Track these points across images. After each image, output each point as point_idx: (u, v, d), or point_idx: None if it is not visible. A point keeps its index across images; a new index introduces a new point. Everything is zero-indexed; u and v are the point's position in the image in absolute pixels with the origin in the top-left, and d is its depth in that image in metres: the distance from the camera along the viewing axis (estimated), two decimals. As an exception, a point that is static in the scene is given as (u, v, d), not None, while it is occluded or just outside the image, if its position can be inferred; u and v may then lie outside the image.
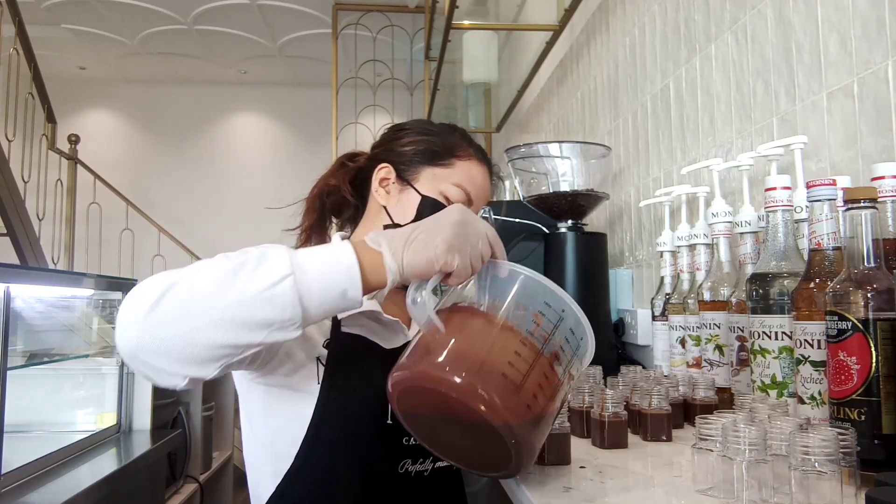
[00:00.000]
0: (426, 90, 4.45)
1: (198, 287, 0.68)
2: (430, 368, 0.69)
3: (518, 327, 0.71)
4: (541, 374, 0.69)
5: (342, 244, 0.73)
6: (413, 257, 0.72)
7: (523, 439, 0.68)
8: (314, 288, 0.69)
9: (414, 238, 0.73)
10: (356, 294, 0.71)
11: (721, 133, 1.46)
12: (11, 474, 1.52)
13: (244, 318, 0.67)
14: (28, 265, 3.73)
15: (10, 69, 4.12)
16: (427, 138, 1.07)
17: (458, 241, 0.73)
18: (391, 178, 1.05)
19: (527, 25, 3.00)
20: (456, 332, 0.71)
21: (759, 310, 0.93)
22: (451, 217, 0.75)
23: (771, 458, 0.68)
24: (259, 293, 0.67)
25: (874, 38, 1.00)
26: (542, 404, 0.69)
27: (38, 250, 4.06)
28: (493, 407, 0.66)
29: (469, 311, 0.74)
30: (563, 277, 1.65)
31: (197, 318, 0.66)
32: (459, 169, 1.05)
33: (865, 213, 0.73)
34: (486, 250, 0.76)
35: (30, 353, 1.99)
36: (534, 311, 0.72)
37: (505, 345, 0.70)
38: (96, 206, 5.26)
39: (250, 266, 0.69)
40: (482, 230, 0.76)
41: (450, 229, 0.73)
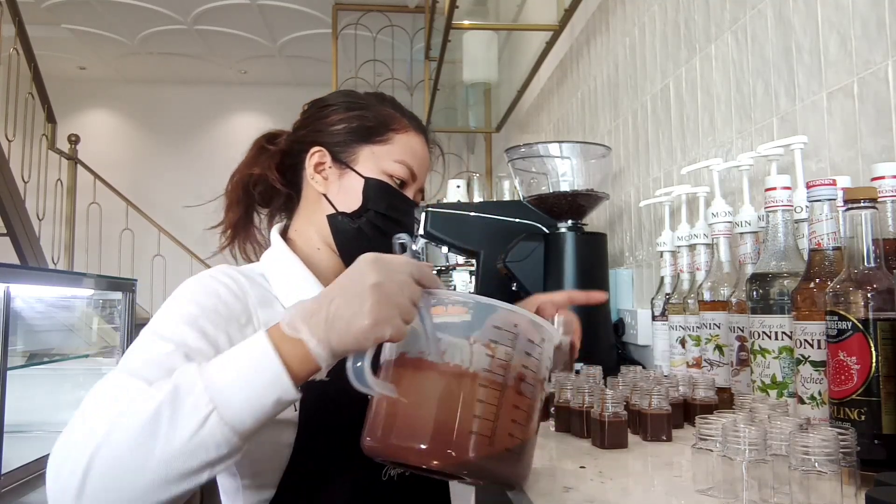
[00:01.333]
0: (426, 90, 4.45)
1: (121, 453, 0.60)
2: (399, 442, 0.65)
3: (474, 368, 0.66)
4: (510, 409, 0.66)
5: (260, 343, 0.65)
6: (340, 340, 0.64)
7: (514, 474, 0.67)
8: (244, 412, 0.63)
9: (334, 315, 0.65)
10: (291, 395, 0.65)
11: (721, 133, 1.46)
12: (11, 474, 1.52)
13: (179, 471, 0.61)
14: (28, 265, 3.73)
15: (10, 69, 4.12)
16: (358, 113, 1.00)
17: (382, 310, 0.64)
18: (326, 161, 0.98)
19: (527, 25, 3.01)
20: (411, 396, 0.66)
21: (759, 310, 0.93)
22: (367, 281, 0.65)
23: (771, 458, 0.68)
24: (186, 443, 0.61)
25: (874, 38, 1.00)
26: (521, 436, 0.67)
27: (38, 250, 4.06)
28: (471, 466, 0.64)
29: (418, 364, 0.68)
30: (563, 277, 1.65)
31: (131, 488, 0.61)
32: (398, 143, 0.98)
33: (865, 213, 0.73)
34: (416, 293, 0.67)
35: (30, 353, 2.00)
36: (484, 342, 0.66)
37: (465, 397, 0.65)
38: (96, 206, 5.27)
39: (167, 413, 0.61)
40: (403, 277, 0.67)
41: (371, 298, 0.64)
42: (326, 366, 0.66)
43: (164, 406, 0.61)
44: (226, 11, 5.41)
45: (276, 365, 0.64)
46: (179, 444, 0.61)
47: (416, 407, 0.66)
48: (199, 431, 0.61)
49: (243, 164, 1.03)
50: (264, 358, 0.64)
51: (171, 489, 0.61)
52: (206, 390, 0.62)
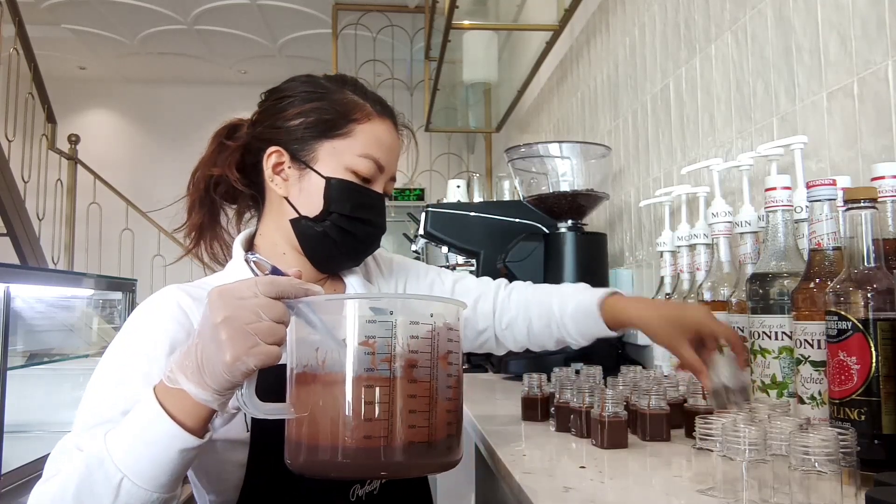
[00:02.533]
0: (426, 90, 4.45)
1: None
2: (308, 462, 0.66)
3: (357, 371, 0.64)
4: (405, 400, 0.65)
5: (149, 404, 0.67)
6: (215, 381, 0.65)
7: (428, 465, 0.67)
8: (153, 470, 0.66)
9: (201, 359, 0.65)
10: (194, 443, 0.67)
11: (721, 133, 1.46)
12: (11, 474, 1.52)
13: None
14: (28, 265, 3.73)
15: (10, 69, 4.12)
16: (315, 105, 0.92)
17: (237, 344, 0.63)
18: (285, 161, 0.92)
19: (527, 25, 3.01)
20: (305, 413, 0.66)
21: (759, 310, 0.93)
22: (215, 319, 0.64)
23: (771, 458, 0.67)
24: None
25: (874, 38, 1.00)
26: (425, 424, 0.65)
27: (38, 250, 4.06)
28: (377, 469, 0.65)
29: (304, 379, 0.67)
30: (563, 277, 1.65)
31: None
32: (361, 135, 0.91)
33: (865, 213, 0.73)
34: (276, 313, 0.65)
35: (30, 353, 2.00)
36: (361, 340, 0.65)
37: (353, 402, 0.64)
38: (96, 206, 5.27)
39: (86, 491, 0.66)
40: (254, 302, 0.64)
41: (223, 335, 0.63)
42: (219, 406, 0.67)
43: (84, 484, 0.66)
44: (226, 11, 5.41)
45: (166, 422, 0.66)
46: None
47: (314, 422, 0.65)
48: (118, 500, 0.65)
49: (202, 161, 0.97)
50: (155, 418, 0.66)
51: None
52: (111, 461, 0.66)
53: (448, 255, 3.25)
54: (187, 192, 0.98)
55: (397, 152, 0.97)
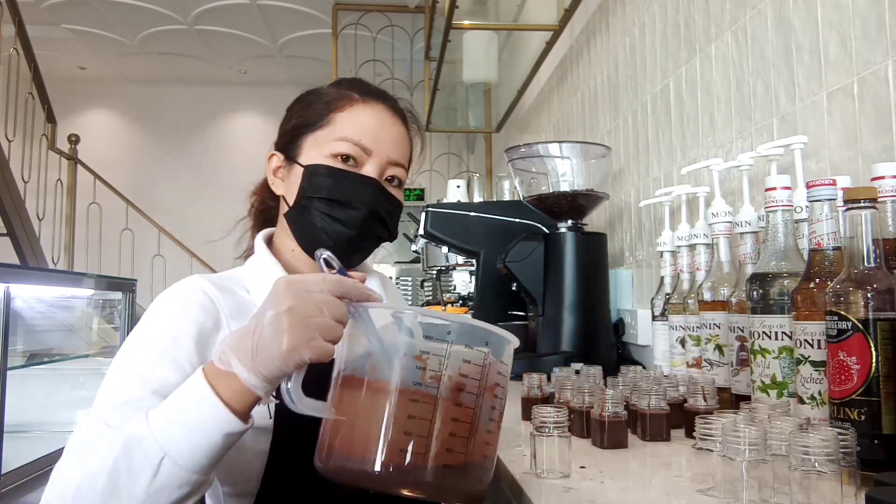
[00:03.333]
0: (426, 90, 4.44)
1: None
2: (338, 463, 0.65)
3: (403, 384, 0.63)
4: (448, 423, 0.63)
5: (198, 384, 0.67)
6: (265, 367, 0.65)
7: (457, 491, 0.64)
8: (194, 452, 0.65)
9: (257, 344, 0.65)
10: (238, 428, 0.67)
11: (721, 133, 1.46)
12: (11, 474, 1.52)
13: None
14: (28, 265, 3.73)
15: (10, 69, 4.12)
16: (302, 107, 0.97)
17: (297, 335, 0.64)
18: (281, 164, 0.97)
19: (527, 25, 3.01)
20: (345, 415, 0.66)
21: (759, 310, 0.93)
22: (281, 306, 0.65)
23: (771, 458, 0.68)
24: (147, 491, 0.64)
25: (874, 38, 1.00)
26: (463, 450, 0.64)
27: (38, 250, 4.07)
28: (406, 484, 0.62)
29: (351, 382, 0.67)
30: (563, 277, 1.65)
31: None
32: (340, 121, 0.93)
33: (865, 213, 0.73)
34: (337, 312, 0.66)
35: (30, 353, 2.00)
36: (415, 355, 0.64)
37: (396, 414, 0.63)
38: (96, 206, 5.27)
39: (123, 469, 0.65)
40: (321, 298, 0.66)
41: (284, 324, 0.64)
42: (265, 393, 0.67)
43: (120, 461, 0.65)
44: (226, 11, 5.41)
45: (214, 403, 0.66)
46: (142, 493, 0.64)
47: (351, 427, 0.65)
48: (156, 479, 0.65)
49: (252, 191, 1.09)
50: (203, 398, 0.66)
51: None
52: (154, 439, 0.65)
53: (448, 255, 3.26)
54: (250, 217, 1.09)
55: (393, 135, 0.96)
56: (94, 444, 0.69)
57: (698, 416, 0.78)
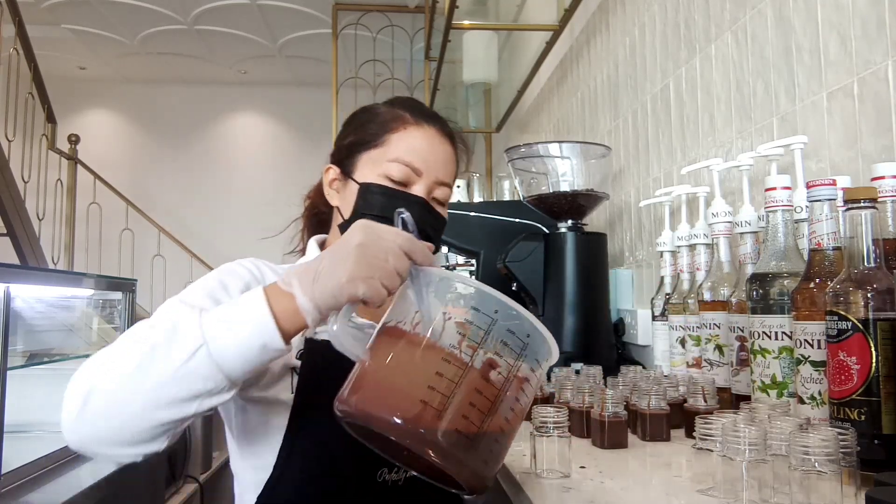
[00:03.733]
0: (426, 90, 4.44)
1: (120, 377, 0.69)
2: (357, 404, 0.66)
3: (440, 343, 0.66)
4: (470, 391, 0.64)
5: (255, 295, 0.71)
6: (321, 294, 0.69)
7: (461, 463, 0.64)
8: (230, 352, 0.68)
9: (321, 272, 0.70)
10: (277, 344, 0.70)
11: (721, 133, 1.46)
12: (11, 474, 1.52)
13: (169, 397, 0.68)
14: (28, 265, 3.73)
15: (10, 69, 4.12)
16: (361, 124, 1.03)
17: (360, 268, 0.69)
18: (337, 177, 1.03)
19: (527, 25, 3.01)
20: (378, 361, 0.68)
21: (759, 310, 0.93)
22: (352, 241, 0.71)
23: (771, 458, 0.68)
24: (176, 371, 0.67)
25: (874, 38, 1.00)
26: (477, 423, 0.64)
27: (38, 250, 4.06)
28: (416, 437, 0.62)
29: (392, 332, 0.70)
30: (563, 277, 1.65)
31: (125, 409, 0.68)
32: (394, 142, 0.98)
33: (865, 213, 0.73)
34: (400, 264, 0.71)
35: (30, 353, 1.99)
36: (458, 320, 0.67)
37: (425, 367, 0.65)
38: (96, 206, 5.26)
39: (163, 344, 0.69)
40: (390, 245, 0.71)
41: (352, 256, 0.69)
42: (312, 321, 0.70)
43: (162, 339, 0.69)
44: (226, 11, 5.41)
45: (264, 312, 0.69)
46: (171, 372, 0.67)
47: (379, 370, 0.67)
48: (188, 362, 0.68)
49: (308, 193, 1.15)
50: (255, 306, 0.70)
51: (160, 414, 0.68)
52: (199, 328, 0.69)
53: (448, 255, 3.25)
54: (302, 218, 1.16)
55: (442, 157, 1.02)
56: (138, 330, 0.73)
57: (698, 416, 0.78)
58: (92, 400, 0.68)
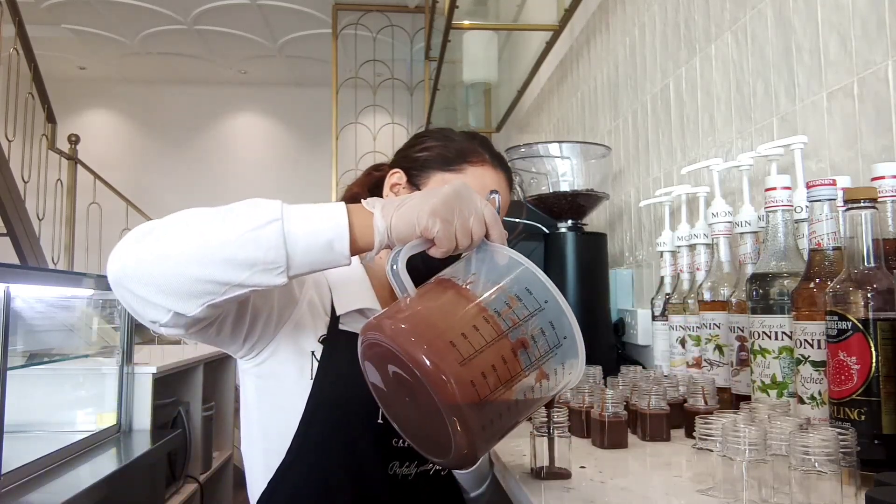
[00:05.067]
0: (426, 90, 4.45)
1: (189, 223, 0.70)
2: (388, 325, 0.68)
3: (486, 304, 0.69)
4: (496, 356, 0.66)
5: (337, 204, 0.74)
6: (399, 220, 0.72)
7: (461, 417, 0.65)
8: (300, 235, 0.70)
9: (405, 203, 0.73)
10: (343, 247, 0.72)
11: (721, 133, 1.46)
12: (11, 474, 1.52)
13: (228, 254, 0.68)
14: (28, 265, 3.73)
15: (10, 69, 4.12)
16: (442, 144, 1.06)
17: (443, 210, 0.71)
18: (402, 182, 1.05)
19: (527, 25, 3.00)
20: (422, 299, 0.71)
21: (759, 310, 0.93)
22: (448, 188, 0.74)
23: (771, 458, 0.68)
24: (245, 233, 0.69)
25: (874, 38, 1.00)
26: (491, 386, 0.66)
27: (38, 250, 4.06)
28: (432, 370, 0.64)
29: (446, 283, 0.73)
30: (563, 277, 1.65)
31: (182, 251, 0.68)
32: (470, 174, 1.02)
33: (865, 213, 0.73)
34: (479, 228, 0.73)
35: (30, 353, 1.99)
36: (510, 294, 0.70)
37: (464, 316, 0.68)
38: (96, 206, 5.26)
39: (242, 209, 0.71)
40: (477, 207, 0.74)
41: (440, 198, 0.72)
42: (379, 241, 0.73)
43: (243, 205, 0.72)
44: (226, 11, 5.41)
45: (341, 217, 0.72)
46: (239, 231, 0.69)
47: (421, 306, 0.70)
48: (260, 229, 0.69)
49: (351, 185, 1.16)
50: (336, 209, 0.73)
51: (209, 269, 0.68)
52: (280, 208, 0.71)
53: (448, 255, 3.23)
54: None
55: (503, 204, 1.06)
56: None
57: (698, 416, 0.78)
58: (153, 234, 0.70)
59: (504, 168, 1.08)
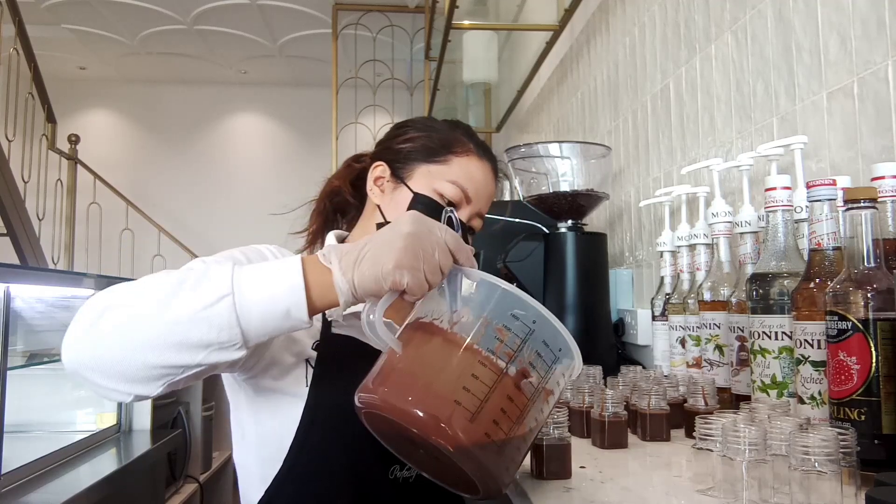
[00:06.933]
0: (426, 90, 4.45)
1: (137, 305, 0.67)
2: (386, 395, 0.65)
3: (478, 345, 0.65)
4: (503, 398, 0.64)
5: (292, 261, 0.70)
6: (362, 276, 0.68)
7: (485, 467, 0.63)
8: (254, 309, 0.67)
9: (364, 255, 0.69)
10: (301, 314, 0.68)
11: (721, 133, 1.46)
12: (11, 474, 1.52)
13: (179, 338, 0.66)
14: (28, 265, 3.72)
15: (10, 69, 4.12)
16: (425, 134, 1.04)
17: (408, 258, 0.67)
18: (386, 176, 1.04)
19: (527, 25, 3.00)
20: (412, 355, 0.67)
21: (759, 310, 0.93)
22: (402, 229, 0.69)
23: (771, 458, 0.68)
24: (195, 313, 0.66)
25: (874, 38, 1.00)
26: (506, 430, 0.64)
27: (38, 250, 4.06)
28: (445, 436, 0.61)
29: (428, 328, 0.69)
30: (563, 277, 1.65)
31: (133, 338, 0.66)
32: (456, 165, 1.01)
33: (865, 213, 0.73)
34: (445, 260, 0.70)
35: (30, 353, 1.99)
36: (497, 326, 0.66)
37: (461, 367, 0.64)
38: (96, 206, 5.26)
39: (190, 284, 0.67)
40: (439, 240, 0.70)
41: (400, 244, 0.68)
42: (344, 301, 0.69)
43: (191, 279, 0.68)
44: (226, 11, 5.41)
45: (297, 278, 0.68)
46: (189, 313, 0.66)
47: (413, 365, 0.66)
48: (210, 307, 0.66)
49: (331, 177, 1.14)
50: (290, 270, 0.69)
51: (164, 354, 0.66)
52: (230, 278, 0.68)
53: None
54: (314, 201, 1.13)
55: (489, 193, 1.06)
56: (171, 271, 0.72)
57: (698, 416, 0.78)
58: (104, 321, 0.66)
59: (489, 157, 1.07)
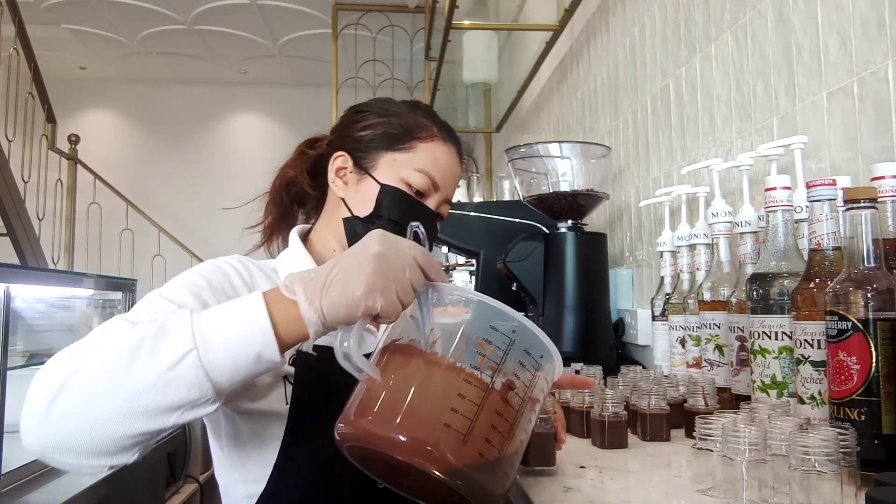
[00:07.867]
0: (426, 90, 4.44)
1: (95, 376, 0.61)
2: (370, 427, 0.61)
3: (460, 363, 0.62)
4: (492, 414, 0.62)
5: (254, 299, 0.65)
6: (332, 305, 0.64)
7: (481, 487, 0.61)
8: (222, 360, 0.62)
9: (331, 281, 0.64)
10: (273, 356, 0.64)
11: (721, 133, 1.46)
12: (11, 474, 1.52)
13: (147, 405, 0.61)
14: (28, 265, 3.73)
15: (10, 69, 4.12)
16: (385, 120, 1.00)
17: (378, 282, 0.64)
18: (348, 167, 0.99)
19: (527, 25, 3.00)
20: (392, 380, 0.63)
21: (759, 310, 0.93)
22: (369, 251, 0.66)
23: (771, 458, 0.68)
24: (160, 376, 0.61)
25: (874, 38, 1.00)
26: (498, 447, 0.62)
27: (38, 250, 4.06)
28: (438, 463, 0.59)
29: (406, 350, 0.65)
30: (563, 277, 1.65)
31: (98, 413, 0.60)
32: (421, 152, 0.98)
33: (865, 213, 0.73)
34: (417, 277, 0.67)
35: (30, 353, 1.99)
36: (477, 340, 0.64)
37: (446, 389, 0.62)
38: (96, 206, 5.27)
39: (148, 346, 0.61)
40: (408, 258, 0.67)
41: (370, 266, 0.64)
42: (314, 332, 0.65)
43: (148, 338, 0.62)
44: (226, 11, 5.41)
45: (263, 319, 0.63)
46: (154, 377, 0.60)
47: (395, 392, 0.63)
48: (175, 367, 0.61)
49: (284, 165, 1.07)
50: (254, 312, 0.64)
51: (134, 424, 0.61)
52: (191, 331, 0.62)
53: (448, 255, 3.25)
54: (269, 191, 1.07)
55: (456, 177, 1.03)
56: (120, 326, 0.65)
57: (698, 416, 0.78)
58: (62, 398, 0.61)
59: (454, 140, 1.03)
